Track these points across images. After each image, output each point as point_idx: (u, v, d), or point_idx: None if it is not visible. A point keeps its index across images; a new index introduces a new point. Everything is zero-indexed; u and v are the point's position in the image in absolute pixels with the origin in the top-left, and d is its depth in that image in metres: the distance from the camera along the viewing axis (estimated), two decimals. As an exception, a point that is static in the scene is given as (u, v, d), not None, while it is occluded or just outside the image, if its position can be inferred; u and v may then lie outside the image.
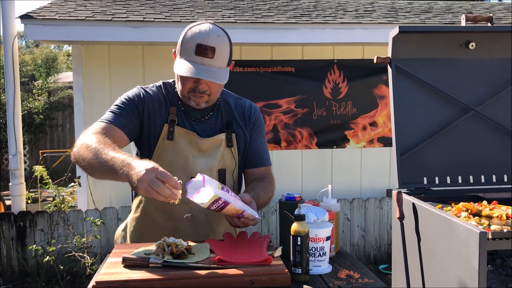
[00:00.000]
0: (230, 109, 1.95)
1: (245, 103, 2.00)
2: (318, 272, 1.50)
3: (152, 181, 1.39)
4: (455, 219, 1.63)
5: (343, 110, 5.50)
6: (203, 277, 1.37)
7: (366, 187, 5.60)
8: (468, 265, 1.51)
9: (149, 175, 1.39)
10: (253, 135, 1.97)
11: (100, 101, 5.12)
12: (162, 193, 1.40)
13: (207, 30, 1.74)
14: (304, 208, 1.61)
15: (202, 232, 1.84)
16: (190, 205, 1.81)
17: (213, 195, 1.47)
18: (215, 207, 1.51)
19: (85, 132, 1.73)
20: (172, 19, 4.77)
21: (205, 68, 1.72)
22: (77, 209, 4.94)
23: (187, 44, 1.74)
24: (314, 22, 4.97)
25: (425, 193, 2.09)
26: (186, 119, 1.88)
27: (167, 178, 1.41)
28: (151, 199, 1.74)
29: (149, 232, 1.82)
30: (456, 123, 2.19)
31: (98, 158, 1.56)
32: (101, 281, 1.33)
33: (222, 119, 1.92)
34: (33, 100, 10.66)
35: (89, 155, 1.59)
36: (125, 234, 1.96)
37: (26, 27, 4.55)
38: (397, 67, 2.16)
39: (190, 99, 1.81)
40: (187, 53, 1.73)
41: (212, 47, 1.71)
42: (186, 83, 1.78)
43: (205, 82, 1.77)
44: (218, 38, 1.74)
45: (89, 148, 1.60)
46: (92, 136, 1.67)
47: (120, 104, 1.84)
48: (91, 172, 1.62)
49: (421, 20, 5.38)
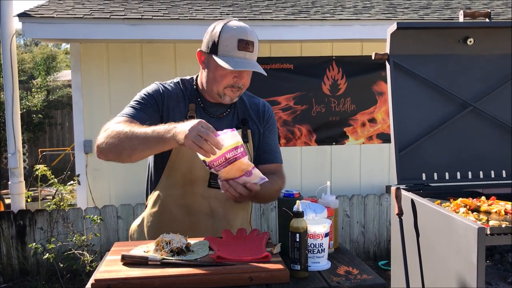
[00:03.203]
0: (245, 107, 1.99)
1: (259, 101, 2.05)
2: (317, 269, 1.50)
3: (196, 137, 1.48)
4: (453, 215, 1.63)
5: (342, 107, 5.50)
6: (202, 275, 1.37)
7: (366, 184, 5.61)
8: (467, 260, 1.51)
9: (195, 131, 1.49)
10: (265, 132, 2.00)
11: (99, 99, 5.12)
12: (204, 149, 1.49)
13: (243, 25, 1.79)
14: (303, 204, 1.61)
15: (221, 226, 1.84)
16: (209, 200, 1.85)
17: (238, 140, 1.55)
18: (231, 155, 1.55)
19: (106, 126, 1.74)
20: (170, 17, 4.76)
21: (248, 61, 1.76)
22: (77, 207, 4.95)
23: (227, 40, 1.75)
24: (312, 18, 4.97)
25: (424, 189, 2.09)
26: (205, 115, 1.90)
27: (208, 136, 1.49)
28: (170, 194, 1.81)
29: (167, 227, 1.81)
30: (455, 119, 2.19)
31: (137, 136, 1.61)
32: (100, 279, 1.33)
33: (238, 116, 1.95)
34: (32, 98, 10.65)
35: (124, 137, 1.63)
36: (141, 229, 1.95)
37: (24, 26, 4.54)
38: (395, 63, 2.16)
39: (225, 95, 1.84)
40: (227, 49, 1.76)
41: (252, 42, 1.77)
42: (225, 79, 1.80)
43: (245, 77, 1.81)
44: (253, 33, 1.80)
45: (122, 132, 1.64)
46: (119, 124, 1.70)
47: (140, 99, 1.86)
48: (129, 153, 1.65)
49: (420, 16, 5.38)
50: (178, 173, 1.85)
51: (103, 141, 1.69)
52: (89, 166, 5.18)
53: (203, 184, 1.86)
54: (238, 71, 1.78)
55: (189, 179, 1.85)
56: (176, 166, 1.85)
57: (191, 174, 1.84)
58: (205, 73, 1.86)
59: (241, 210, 1.96)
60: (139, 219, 2.00)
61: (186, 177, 1.85)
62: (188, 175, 1.85)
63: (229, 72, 1.77)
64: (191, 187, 1.86)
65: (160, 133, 1.58)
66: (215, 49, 1.78)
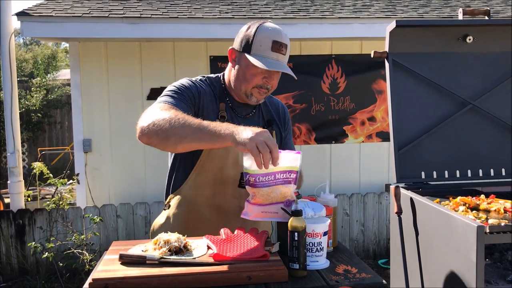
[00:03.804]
0: (267, 107, 2.00)
1: (278, 102, 2.07)
2: (315, 267, 1.49)
3: (262, 143, 1.41)
4: (453, 213, 1.63)
5: (341, 105, 5.49)
6: (200, 274, 1.36)
7: (365, 182, 5.60)
8: (466, 259, 1.51)
9: (262, 137, 1.43)
10: (285, 131, 2.03)
11: (98, 98, 5.11)
12: (264, 157, 1.41)
13: (278, 28, 1.80)
14: (301, 203, 1.60)
15: (249, 226, 1.81)
16: (240, 200, 1.83)
17: (297, 165, 1.50)
18: (283, 176, 1.50)
19: (149, 112, 1.64)
20: (169, 15, 4.75)
21: (280, 63, 1.77)
22: (76, 207, 4.94)
23: (262, 41, 1.76)
24: (311, 17, 4.96)
25: (423, 188, 2.09)
26: (234, 115, 1.89)
27: (274, 148, 1.43)
28: (199, 194, 1.80)
29: (195, 227, 1.80)
30: (454, 117, 2.18)
31: (190, 125, 1.52)
32: (98, 278, 1.33)
33: (263, 116, 1.96)
34: (31, 98, 10.64)
35: (176, 123, 1.53)
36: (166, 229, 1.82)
37: (23, 25, 4.53)
38: (394, 61, 2.15)
39: (252, 95, 1.84)
40: (261, 49, 1.76)
41: (285, 44, 1.79)
42: (254, 79, 1.80)
43: (274, 78, 1.82)
44: (287, 37, 1.80)
45: (175, 117, 1.55)
46: (167, 111, 1.61)
47: (178, 90, 1.79)
48: (177, 140, 1.55)
49: (419, 14, 5.37)
50: (209, 173, 1.83)
51: (150, 123, 1.58)
52: (88, 165, 5.17)
53: (233, 184, 1.85)
54: (268, 72, 1.78)
55: (219, 179, 1.84)
56: (207, 166, 1.83)
57: (222, 174, 1.83)
58: (235, 71, 1.85)
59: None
60: (162, 218, 1.95)
61: (217, 177, 1.84)
62: (219, 175, 1.83)
63: (260, 72, 1.78)
64: (221, 187, 1.85)
65: (217, 127, 1.50)
66: (249, 48, 1.78)
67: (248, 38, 1.79)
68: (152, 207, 4.96)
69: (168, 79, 5.19)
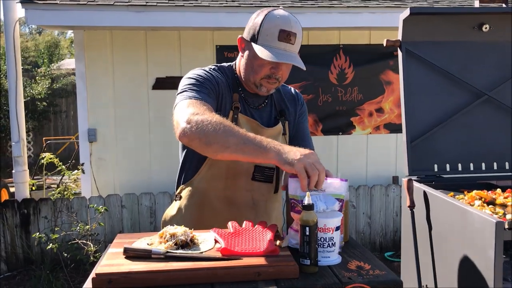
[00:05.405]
0: (280, 96, 1.94)
1: (291, 89, 2.00)
2: (327, 263, 1.44)
3: (310, 165, 1.39)
4: (469, 208, 1.57)
5: (349, 96, 5.43)
6: (207, 269, 1.31)
7: (372, 174, 5.55)
8: (483, 255, 1.45)
9: (310, 159, 1.40)
10: (300, 118, 1.97)
11: (103, 87, 5.06)
12: (312, 180, 1.39)
13: (287, 15, 1.71)
14: (313, 197, 1.55)
15: (262, 219, 1.77)
16: (253, 193, 1.81)
17: (341, 193, 1.48)
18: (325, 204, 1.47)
19: (186, 110, 1.58)
20: (175, 3, 4.68)
21: (287, 54, 1.69)
22: (81, 196, 4.92)
23: (269, 30, 1.68)
24: (320, 6, 4.88)
25: (436, 181, 2.03)
26: (247, 106, 1.84)
27: (322, 171, 1.41)
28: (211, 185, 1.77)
29: (208, 219, 1.76)
30: (468, 109, 2.12)
31: (235, 135, 1.48)
32: (101, 273, 1.28)
33: (276, 107, 1.91)
34: (36, 86, 10.62)
35: (222, 131, 1.49)
36: (178, 221, 1.82)
37: (27, 12, 4.47)
38: (407, 50, 2.09)
39: (262, 86, 1.77)
40: (268, 39, 1.69)
41: (294, 33, 1.69)
42: (263, 69, 1.73)
43: (283, 69, 1.74)
44: (297, 24, 1.72)
45: (221, 124, 1.50)
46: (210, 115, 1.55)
47: (199, 83, 1.73)
48: (219, 148, 1.50)
49: (429, 4, 5.27)
50: (222, 165, 1.79)
51: (193, 124, 1.52)
52: (93, 155, 5.14)
53: (247, 176, 1.82)
54: (275, 62, 1.71)
55: (232, 171, 1.80)
56: None
57: (235, 166, 1.79)
58: (244, 62, 1.79)
59: (277, 202, 1.94)
60: (173, 209, 1.91)
61: (230, 169, 1.79)
62: (232, 168, 1.79)
63: (267, 62, 1.70)
64: (234, 180, 1.81)
65: (263, 143, 1.46)
66: (255, 37, 1.71)
67: (255, 27, 1.72)
68: (157, 197, 4.93)
69: (173, 68, 5.14)
